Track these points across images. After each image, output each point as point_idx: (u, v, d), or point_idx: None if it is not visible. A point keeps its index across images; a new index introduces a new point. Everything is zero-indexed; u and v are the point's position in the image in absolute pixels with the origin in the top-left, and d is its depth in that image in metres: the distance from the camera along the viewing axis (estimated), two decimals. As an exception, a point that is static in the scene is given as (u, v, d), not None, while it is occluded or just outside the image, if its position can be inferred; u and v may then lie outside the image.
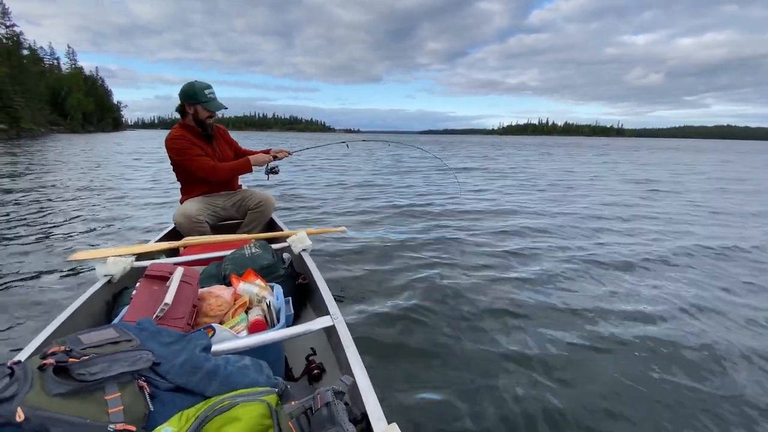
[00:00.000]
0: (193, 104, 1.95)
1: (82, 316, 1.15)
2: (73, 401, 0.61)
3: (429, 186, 6.76)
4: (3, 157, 11.33)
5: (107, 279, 1.33)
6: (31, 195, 5.18)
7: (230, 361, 0.85)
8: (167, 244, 1.72)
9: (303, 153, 3.09)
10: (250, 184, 2.56)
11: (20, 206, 4.41)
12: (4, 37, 45.78)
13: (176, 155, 1.98)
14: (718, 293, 2.22)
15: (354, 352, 0.94)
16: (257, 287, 1.17)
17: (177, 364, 0.78)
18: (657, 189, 6.91)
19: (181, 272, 1.05)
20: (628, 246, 3.14)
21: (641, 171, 10.70)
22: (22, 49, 48.81)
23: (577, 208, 4.80)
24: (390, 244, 3.07)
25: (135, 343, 0.78)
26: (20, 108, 38.50)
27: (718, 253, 2.99)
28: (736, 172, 11.12)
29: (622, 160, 15.74)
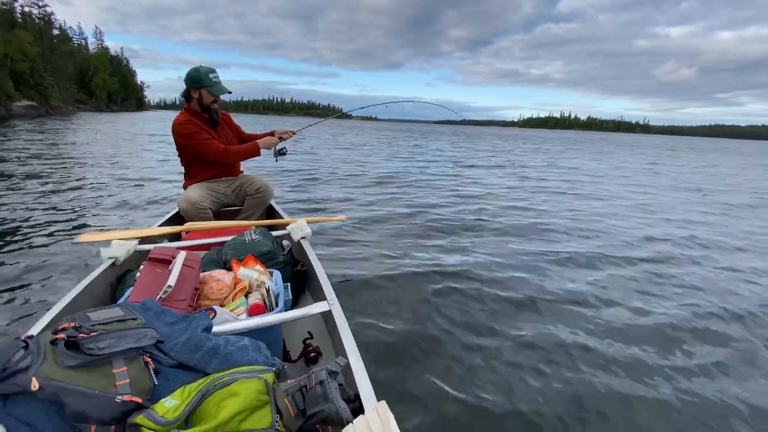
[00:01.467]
0: (198, 88, 1.96)
1: (88, 297, 1.18)
2: (83, 373, 0.64)
3: (436, 176, 6.73)
4: (30, 134, 11.44)
5: (111, 261, 1.37)
6: (49, 173, 5.22)
7: (230, 341, 0.89)
8: (170, 229, 1.75)
9: (307, 131, 3.11)
10: (252, 169, 2.57)
11: (37, 183, 4.47)
12: (37, 17, 46.39)
13: (185, 140, 2.00)
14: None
15: (349, 335, 0.98)
16: (257, 272, 1.20)
17: (180, 343, 0.82)
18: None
19: (183, 256, 1.08)
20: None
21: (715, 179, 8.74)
22: (52, 29, 49.95)
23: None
24: (388, 233, 3.12)
25: (140, 321, 0.82)
26: (49, 86, 39.63)
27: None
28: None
29: (672, 161, 13.85)
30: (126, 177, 5.28)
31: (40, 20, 46.77)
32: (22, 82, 35.19)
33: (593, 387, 1.37)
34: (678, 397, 1.35)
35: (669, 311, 1.94)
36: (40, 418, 0.61)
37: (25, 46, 36.05)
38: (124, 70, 72.75)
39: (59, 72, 45.18)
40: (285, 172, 6.18)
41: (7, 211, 3.30)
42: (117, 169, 6.00)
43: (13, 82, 32.87)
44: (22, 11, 44.60)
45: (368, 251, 2.62)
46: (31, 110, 32.38)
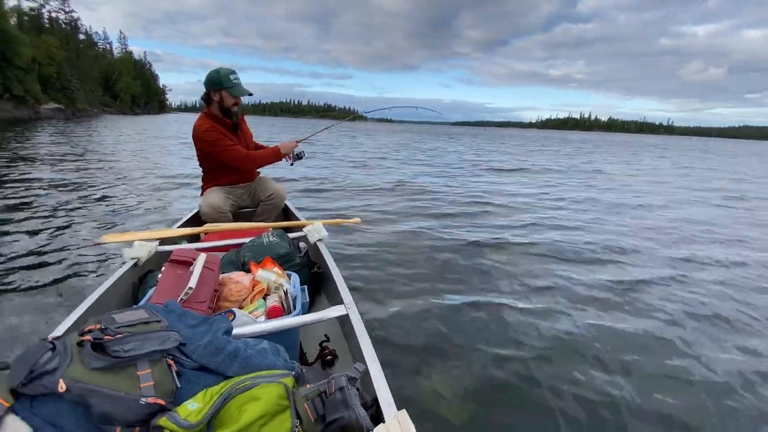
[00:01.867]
0: (218, 90, 1.94)
1: (111, 297, 1.21)
2: (108, 375, 0.65)
3: (449, 178, 6.65)
4: (55, 136, 11.92)
5: (134, 262, 1.39)
6: (73, 173, 5.42)
7: (250, 344, 0.89)
8: (189, 230, 1.78)
9: (322, 134, 3.10)
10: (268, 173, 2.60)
11: (62, 183, 4.62)
12: (64, 22, 48.89)
13: (209, 146, 1.99)
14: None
15: (367, 340, 0.97)
16: (275, 275, 1.21)
17: (201, 345, 0.82)
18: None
19: (204, 258, 1.09)
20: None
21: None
22: (78, 34, 52.42)
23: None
24: (404, 235, 3.11)
25: (164, 323, 0.82)
26: (75, 89, 41.58)
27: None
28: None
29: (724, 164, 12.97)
30: (147, 178, 5.41)
31: (66, 25, 49.21)
32: (50, 85, 36.79)
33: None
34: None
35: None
36: (67, 419, 0.62)
37: (52, 50, 37.69)
38: (147, 74, 75.49)
39: (85, 75, 47.32)
40: (300, 176, 6.22)
41: (32, 210, 3.40)
42: (138, 170, 6.16)
43: (41, 85, 34.43)
44: (49, 17, 46.84)
45: (382, 255, 2.61)
46: (58, 112, 34.06)
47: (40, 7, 44.92)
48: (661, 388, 1.39)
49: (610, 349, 1.60)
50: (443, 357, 1.51)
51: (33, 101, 31.76)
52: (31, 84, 32.02)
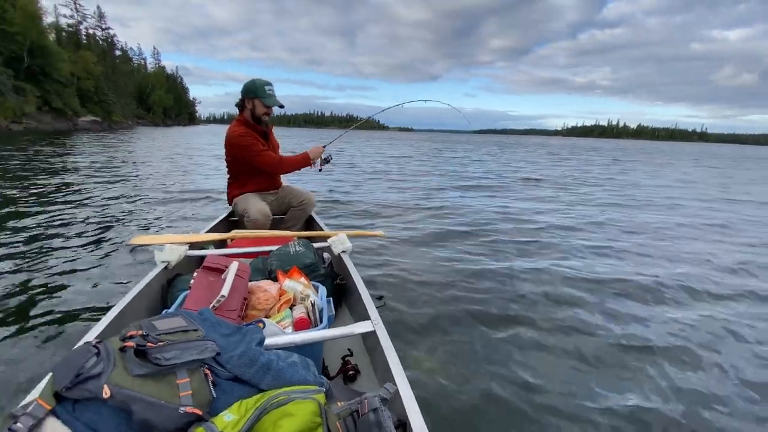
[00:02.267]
0: (252, 99, 2.03)
1: (143, 299, 1.24)
2: (150, 382, 0.66)
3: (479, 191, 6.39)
4: (92, 146, 12.47)
5: (164, 265, 1.43)
6: (108, 179, 5.66)
7: (281, 356, 0.90)
8: (217, 235, 1.81)
9: (346, 144, 3.02)
10: (292, 182, 2.63)
11: (99, 189, 4.85)
12: (101, 39, 52.37)
13: (243, 151, 2.06)
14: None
15: (395, 359, 0.96)
16: (301, 285, 1.21)
17: (236, 356, 0.83)
18: None
19: (236, 266, 1.11)
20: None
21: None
22: (115, 50, 55.83)
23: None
24: (430, 250, 3.03)
25: (201, 333, 0.83)
26: (112, 102, 44.08)
27: None
28: None
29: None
30: (176, 185, 5.56)
31: (103, 42, 52.45)
32: (87, 98, 39.17)
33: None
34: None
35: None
36: (108, 424, 0.62)
37: (90, 65, 40.10)
38: (178, 88, 79.48)
39: (120, 89, 50.01)
40: (321, 187, 6.31)
41: (71, 213, 3.57)
42: (169, 177, 6.35)
43: (79, 98, 36.60)
44: (87, 33, 50.16)
45: (406, 269, 2.56)
46: (95, 124, 36.21)
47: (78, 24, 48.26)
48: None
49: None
50: (475, 378, 1.45)
51: (72, 114, 33.76)
52: (69, 97, 34.04)
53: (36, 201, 4.06)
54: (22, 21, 28.37)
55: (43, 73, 30.98)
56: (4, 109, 25.62)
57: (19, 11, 28.59)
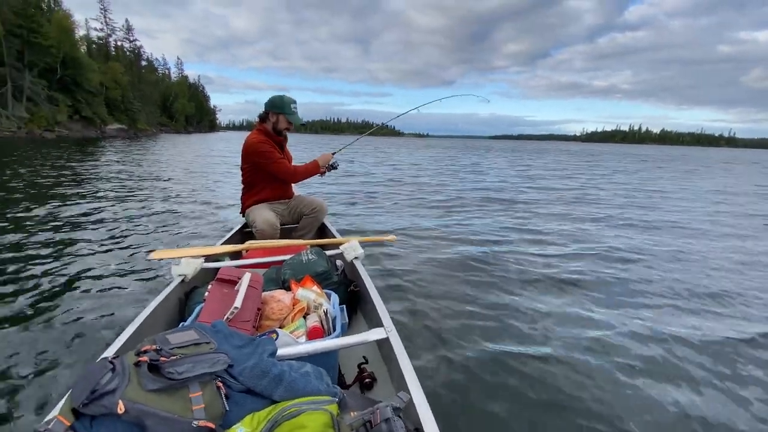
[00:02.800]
0: (277, 113, 2.14)
1: (161, 313, 1.26)
2: (163, 397, 0.66)
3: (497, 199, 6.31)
4: (121, 155, 13.00)
5: (181, 279, 1.45)
6: (128, 189, 5.81)
7: (293, 367, 0.89)
8: (231, 247, 1.84)
9: (360, 150, 2.91)
10: (302, 189, 2.64)
11: (117, 199, 4.96)
12: (128, 51, 55.04)
13: (261, 158, 2.13)
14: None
15: (409, 367, 0.94)
16: (314, 294, 1.21)
17: (248, 368, 0.83)
18: None
19: (248, 277, 1.12)
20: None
21: None
22: (141, 60, 58.31)
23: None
24: (444, 256, 3.00)
25: (213, 345, 0.84)
26: (137, 111, 45.98)
27: None
28: None
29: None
30: (195, 195, 5.66)
31: (130, 53, 55.18)
32: (114, 107, 40.97)
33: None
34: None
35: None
36: (124, 439, 0.63)
37: (118, 75, 42.01)
38: (200, 96, 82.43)
39: (146, 98, 52.20)
40: (336, 190, 6.26)
41: (94, 225, 3.64)
42: (187, 186, 6.50)
43: (107, 107, 38.36)
44: (115, 45, 52.83)
45: (419, 274, 2.55)
46: (121, 132, 37.78)
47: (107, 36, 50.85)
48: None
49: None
50: (491, 384, 1.43)
51: (100, 122, 35.53)
52: (98, 106, 35.86)
53: (61, 210, 4.18)
54: (56, 35, 29.93)
55: (74, 83, 32.79)
56: (38, 118, 27.32)
57: (54, 25, 30.22)
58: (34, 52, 28.65)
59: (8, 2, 26.86)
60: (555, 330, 1.85)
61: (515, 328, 1.85)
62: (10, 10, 26.56)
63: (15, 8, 26.97)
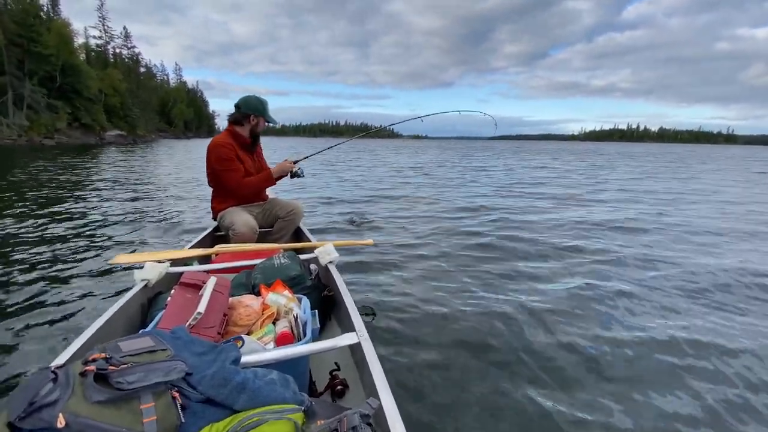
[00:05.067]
0: (258, 116, 2.10)
1: (120, 320, 1.19)
2: (110, 409, 0.62)
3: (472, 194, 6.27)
4: (106, 160, 12.69)
5: (144, 284, 1.38)
6: (108, 194, 5.61)
7: (258, 374, 0.86)
8: (201, 251, 1.78)
9: (354, 151, 2.79)
10: (280, 193, 2.59)
11: (94, 204, 4.76)
12: (127, 57, 55.15)
13: (217, 164, 2.06)
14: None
15: (380, 373, 0.92)
16: (285, 298, 1.19)
17: (208, 376, 0.80)
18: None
19: (213, 281, 1.10)
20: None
21: None
22: (140, 67, 58.44)
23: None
24: (420, 257, 2.98)
25: (170, 352, 0.81)
26: (136, 117, 46.04)
27: None
28: None
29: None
30: (175, 199, 5.50)
31: (129, 60, 55.39)
32: (114, 113, 41.29)
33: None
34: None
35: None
36: (65, 456, 0.61)
37: (116, 82, 42.11)
38: (199, 101, 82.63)
39: (144, 104, 52.16)
40: (313, 195, 6.17)
41: (61, 232, 3.48)
42: (169, 190, 6.32)
43: (106, 114, 38.56)
44: (113, 52, 53.18)
45: (398, 279, 2.51)
46: (120, 138, 37.33)
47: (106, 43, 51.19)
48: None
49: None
50: (461, 396, 1.41)
51: (99, 129, 35.67)
52: (97, 113, 36.07)
53: (34, 217, 3.97)
54: (55, 43, 30.20)
55: (73, 90, 33.02)
56: (38, 126, 27.46)
57: (53, 34, 30.47)
58: (34, 60, 28.98)
59: (9, 12, 27.12)
60: (532, 333, 1.84)
61: (494, 332, 1.84)
62: (11, 20, 26.80)
63: (15, 17, 27.24)
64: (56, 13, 37.48)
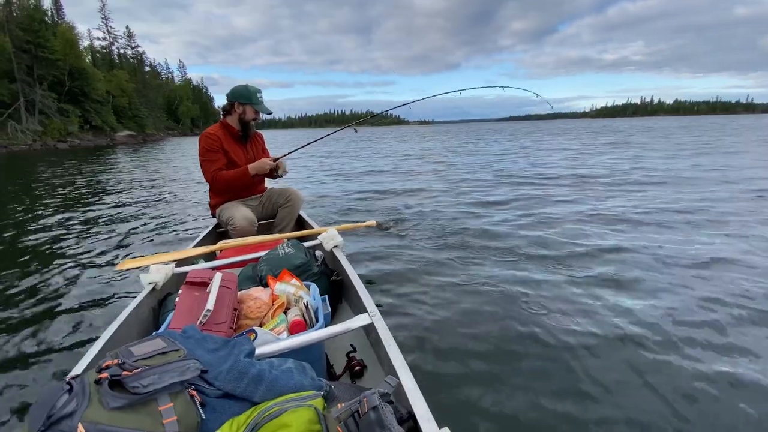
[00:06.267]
0: (243, 104, 2.05)
1: (132, 325, 1.20)
2: (129, 414, 0.62)
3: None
4: (115, 161, 11.56)
5: (152, 287, 1.38)
6: (114, 197, 5.39)
7: (274, 365, 0.86)
8: (204, 249, 1.77)
9: (364, 139, 2.60)
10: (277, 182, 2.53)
11: (102, 209, 4.57)
12: (131, 57, 55.60)
13: (200, 153, 2.06)
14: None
15: (396, 350, 0.92)
16: (293, 287, 1.18)
17: (224, 371, 0.80)
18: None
19: (219, 277, 1.09)
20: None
21: None
22: (144, 66, 58.74)
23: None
24: (425, 236, 2.94)
25: (182, 352, 0.80)
26: (144, 117, 47.22)
27: None
28: None
29: None
30: (177, 199, 5.42)
31: (133, 59, 55.45)
32: (122, 114, 41.89)
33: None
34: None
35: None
36: (89, 464, 0.62)
37: (123, 83, 42.72)
38: (204, 98, 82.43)
39: (151, 103, 52.56)
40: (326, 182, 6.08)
41: (66, 240, 3.36)
42: (171, 190, 6.21)
43: (115, 115, 39.15)
44: (118, 53, 53.22)
45: (405, 256, 2.49)
46: (131, 138, 38.44)
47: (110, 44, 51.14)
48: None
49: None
50: (483, 371, 1.39)
51: (109, 130, 36.39)
52: (107, 115, 36.73)
53: (40, 222, 3.91)
54: (62, 48, 30.63)
55: (82, 93, 33.61)
56: (51, 130, 28.23)
57: (59, 39, 30.84)
58: (43, 66, 29.40)
59: (15, 19, 27.26)
60: (551, 309, 1.79)
61: (509, 305, 1.81)
62: (18, 27, 26.99)
63: (22, 24, 27.41)
64: (60, 17, 37.46)
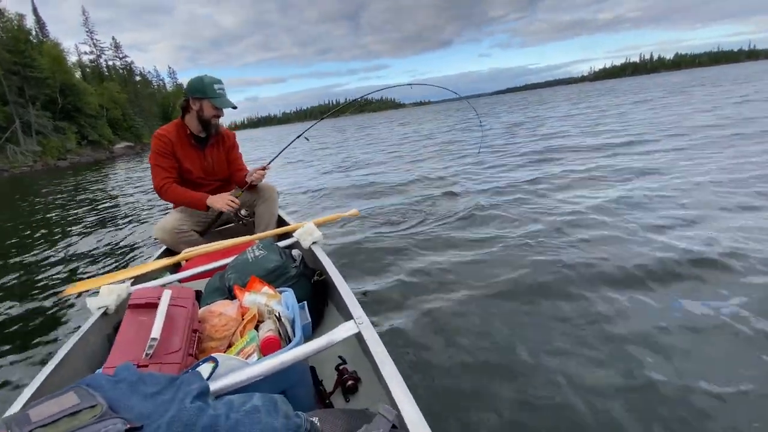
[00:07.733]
0: (199, 99, 1.74)
1: (78, 359, 1.00)
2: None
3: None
4: (103, 176, 10.84)
5: (102, 311, 1.17)
6: (92, 215, 4.93)
7: (234, 405, 0.68)
8: (165, 261, 1.56)
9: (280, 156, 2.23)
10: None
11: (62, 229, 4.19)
12: (120, 68, 55.22)
13: (150, 157, 1.82)
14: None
15: (391, 368, 0.76)
16: (265, 296, 0.99)
17: (163, 424, 0.62)
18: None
19: (169, 295, 0.89)
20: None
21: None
22: (134, 76, 58.03)
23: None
24: (414, 226, 2.75)
25: (100, 408, 0.61)
26: (140, 126, 46.28)
27: None
28: None
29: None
30: (139, 213, 5.09)
31: (123, 70, 55.17)
32: (118, 126, 41.56)
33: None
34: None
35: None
36: None
37: (115, 95, 42.24)
38: None
39: (145, 112, 52.28)
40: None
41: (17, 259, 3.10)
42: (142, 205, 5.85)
43: (111, 127, 38.80)
44: (107, 65, 52.97)
45: (391, 249, 2.30)
46: (129, 149, 38.02)
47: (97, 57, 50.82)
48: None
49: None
50: (482, 374, 1.25)
51: (107, 143, 36.37)
52: (102, 128, 36.59)
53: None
54: (49, 65, 30.12)
55: (76, 109, 33.54)
56: (50, 150, 28.26)
57: (45, 57, 30.32)
58: (33, 85, 29.17)
59: (1, 41, 27.06)
60: (553, 309, 1.60)
61: (509, 302, 1.64)
62: (4, 49, 26.76)
63: (7, 46, 27.15)
64: (44, 35, 37.06)
